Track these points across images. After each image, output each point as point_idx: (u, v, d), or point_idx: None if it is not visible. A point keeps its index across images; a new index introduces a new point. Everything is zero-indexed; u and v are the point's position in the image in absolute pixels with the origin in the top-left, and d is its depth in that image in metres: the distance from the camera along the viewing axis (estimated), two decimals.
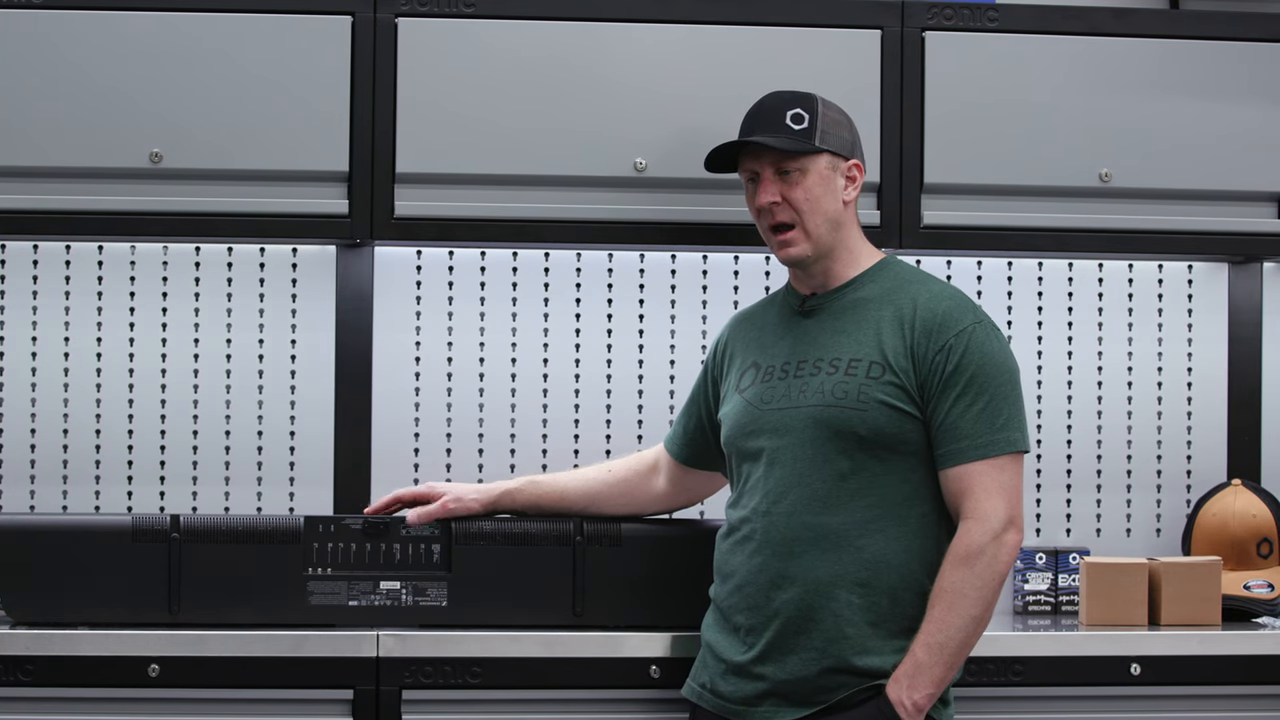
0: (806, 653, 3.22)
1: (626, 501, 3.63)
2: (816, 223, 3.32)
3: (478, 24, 3.76)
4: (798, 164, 3.32)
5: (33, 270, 3.97)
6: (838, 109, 3.39)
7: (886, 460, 3.22)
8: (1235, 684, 3.60)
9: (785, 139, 3.32)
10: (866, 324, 3.28)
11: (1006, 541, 3.17)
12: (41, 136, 3.68)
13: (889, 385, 3.22)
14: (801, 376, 3.29)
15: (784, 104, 3.36)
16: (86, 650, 3.41)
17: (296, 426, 4.01)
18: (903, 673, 3.16)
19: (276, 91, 3.71)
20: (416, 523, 3.56)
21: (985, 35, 3.85)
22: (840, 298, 3.34)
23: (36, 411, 3.97)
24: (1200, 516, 4.04)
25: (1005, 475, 3.20)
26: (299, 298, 4.01)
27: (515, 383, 4.05)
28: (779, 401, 3.29)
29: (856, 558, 3.20)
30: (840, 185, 3.34)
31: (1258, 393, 4.18)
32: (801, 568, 3.23)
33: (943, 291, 3.30)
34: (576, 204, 3.77)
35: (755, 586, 3.27)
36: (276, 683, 3.44)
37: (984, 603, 3.16)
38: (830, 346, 3.29)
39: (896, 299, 3.28)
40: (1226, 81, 3.89)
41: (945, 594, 3.16)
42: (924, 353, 3.22)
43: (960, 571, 3.15)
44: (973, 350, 3.21)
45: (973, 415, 3.19)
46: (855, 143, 3.39)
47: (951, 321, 3.23)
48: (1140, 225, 3.89)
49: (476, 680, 3.46)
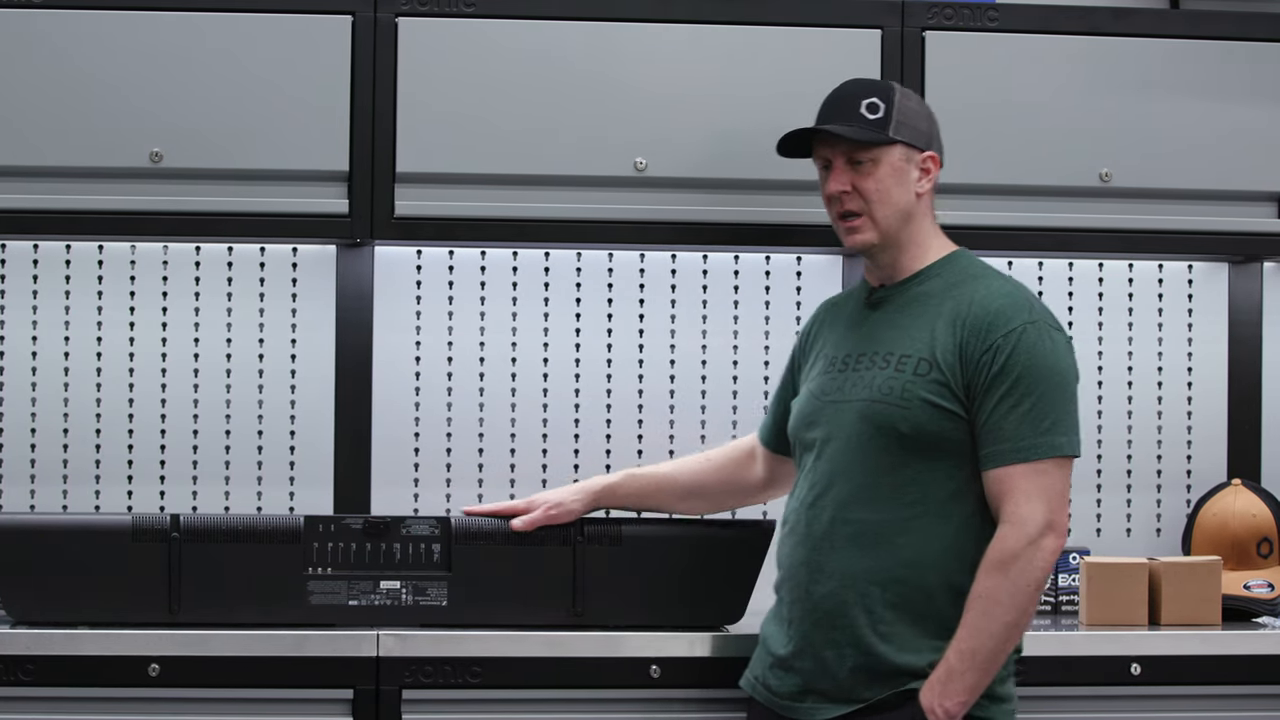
0: (839, 649, 3.21)
1: (728, 489, 3.62)
2: (885, 213, 3.29)
3: (478, 24, 3.76)
4: (870, 154, 3.29)
5: (33, 270, 3.97)
6: (917, 99, 3.36)
7: (929, 458, 3.19)
8: (1235, 684, 3.60)
9: (858, 128, 3.29)
10: (923, 319, 3.25)
11: (1043, 547, 3.12)
12: (41, 136, 3.68)
13: (934, 383, 3.19)
14: (858, 370, 3.27)
15: (861, 92, 3.32)
16: (86, 650, 3.41)
17: (296, 426, 4.01)
18: (935, 679, 3.14)
19: (276, 91, 3.71)
20: (521, 529, 3.54)
21: (985, 35, 3.85)
22: (905, 291, 3.31)
23: (36, 411, 3.97)
24: (1200, 516, 4.04)
25: (1047, 479, 3.14)
26: (299, 298, 4.01)
27: (515, 382, 4.05)
28: (834, 394, 3.28)
29: (894, 555, 3.18)
30: (914, 177, 3.30)
31: (1258, 393, 4.18)
32: (837, 562, 3.21)
33: (1000, 289, 3.24)
34: (576, 204, 3.77)
35: (795, 580, 3.27)
36: (276, 682, 3.44)
37: (1018, 609, 3.12)
38: (887, 340, 3.27)
39: (956, 295, 3.25)
40: (1226, 81, 3.89)
41: (979, 600, 3.13)
42: (972, 352, 3.18)
43: (994, 577, 3.12)
44: (1021, 351, 3.16)
45: (1016, 417, 3.14)
46: (933, 134, 3.34)
47: (1002, 321, 3.18)
48: (1140, 225, 3.89)
49: (476, 680, 3.46)
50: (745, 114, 3.78)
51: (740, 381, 4.08)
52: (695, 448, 4.05)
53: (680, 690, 3.48)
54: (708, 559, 3.58)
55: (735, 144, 3.78)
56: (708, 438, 4.06)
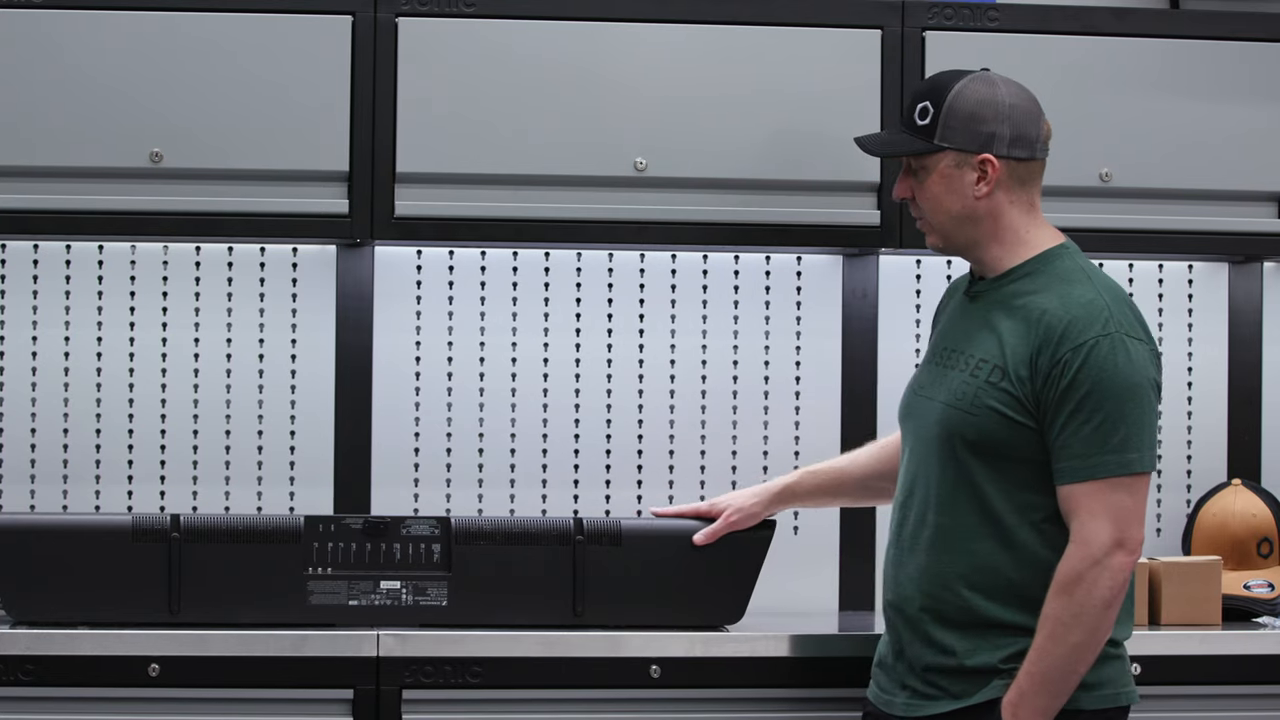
0: (920, 646, 3.20)
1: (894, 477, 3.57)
2: (940, 220, 3.24)
3: (478, 24, 3.76)
4: (920, 162, 3.23)
5: (33, 270, 3.97)
6: (979, 97, 3.20)
7: (1003, 468, 3.14)
8: (1235, 684, 3.60)
9: (902, 138, 3.25)
10: (1005, 323, 3.18)
11: (1109, 566, 3.06)
12: (41, 136, 3.68)
13: (1003, 393, 3.14)
14: (947, 367, 3.24)
15: (918, 95, 3.26)
16: (86, 650, 3.41)
17: (296, 426, 4.01)
18: (1009, 701, 3.11)
19: (276, 91, 3.71)
20: (704, 543, 3.55)
21: (985, 35, 3.85)
22: (998, 288, 3.23)
23: (36, 411, 3.96)
24: (1200, 516, 4.04)
25: (1116, 496, 3.07)
26: (299, 298, 4.01)
27: (515, 382, 4.05)
28: (927, 390, 3.26)
29: (969, 561, 3.16)
30: (970, 180, 3.20)
31: (1258, 393, 4.17)
32: (918, 563, 3.21)
33: (1080, 298, 3.14)
34: (576, 204, 3.77)
35: (887, 578, 3.28)
36: (277, 683, 3.44)
37: (1086, 629, 3.07)
38: (972, 340, 3.22)
39: (1038, 300, 3.16)
40: (1226, 81, 3.89)
41: (1047, 621, 3.09)
42: (1043, 364, 3.11)
43: (1060, 599, 3.08)
44: (1091, 366, 3.08)
45: (1085, 434, 3.08)
46: (994, 135, 3.20)
47: (1073, 334, 3.10)
48: (1140, 225, 3.89)
49: (476, 680, 3.46)
50: (745, 114, 3.78)
51: (740, 382, 4.08)
52: (695, 448, 4.05)
53: (680, 690, 3.48)
54: (708, 559, 3.58)
55: (735, 144, 3.78)
56: (708, 438, 4.06)
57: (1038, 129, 3.24)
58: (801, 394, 4.09)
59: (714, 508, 3.60)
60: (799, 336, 4.09)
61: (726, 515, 3.57)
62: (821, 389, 4.07)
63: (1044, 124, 3.26)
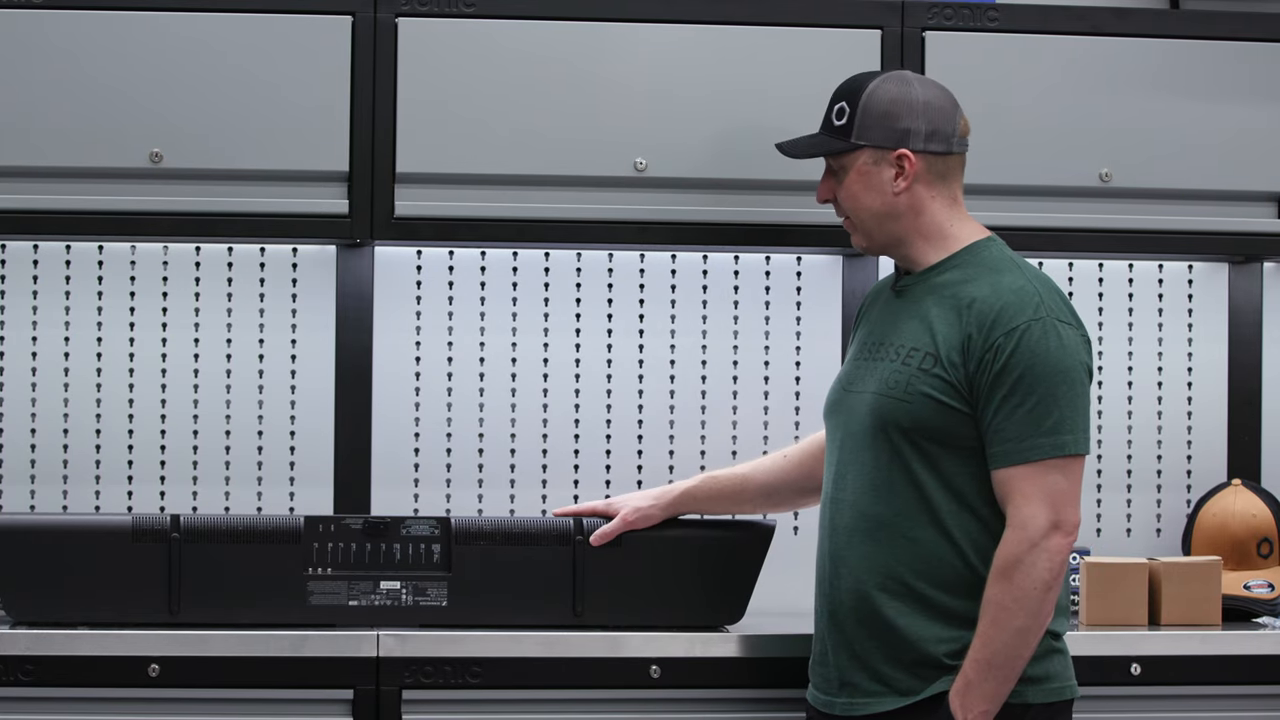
0: (864, 641, 3.21)
1: (804, 485, 3.59)
2: (862, 218, 3.29)
3: (478, 24, 3.76)
4: (838, 162, 3.29)
5: (33, 270, 3.97)
6: (893, 95, 3.26)
7: (936, 453, 3.17)
8: (1235, 684, 3.60)
9: (820, 138, 3.30)
10: (933, 312, 3.22)
11: (1048, 548, 3.09)
12: (41, 136, 3.68)
13: (936, 379, 3.17)
14: (875, 360, 3.27)
15: (835, 96, 3.32)
16: (86, 650, 3.41)
17: (296, 427, 4.01)
18: (957, 690, 3.13)
19: (276, 91, 3.71)
20: (598, 543, 3.55)
21: (985, 35, 3.85)
22: (923, 281, 3.27)
23: (36, 411, 3.96)
24: (1200, 516, 4.04)
25: (1051, 478, 3.11)
26: (299, 298, 4.01)
27: (515, 383, 4.05)
28: (856, 384, 3.28)
29: (910, 549, 3.18)
30: (888, 177, 3.26)
31: (1258, 393, 4.18)
32: (857, 555, 3.22)
33: (1010, 285, 3.19)
34: (576, 204, 3.78)
35: (822, 573, 3.28)
36: (276, 683, 3.44)
37: (1028, 613, 3.09)
38: (900, 330, 3.25)
39: (968, 289, 3.21)
40: (1226, 81, 3.90)
41: (988, 608, 3.11)
42: (975, 349, 3.15)
43: (999, 584, 3.10)
44: (1023, 350, 3.12)
45: (1019, 417, 3.11)
46: (910, 129, 3.24)
47: (1005, 319, 3.15)
48: (1140, 225, 3.89)
49: (476, 680, 3.46)
50: (745, 114, 3.78)
51: (740, 382, 4.08)
52: (695, 447, 4.05)
53: (680, 690, 3.49)
54: (708, 559, 3.58)
55: (735, 144, 3.78)
56: (707, 438, 4.06)
57: (953, 124, 3.29)
58: (801, 394, 4.09)
59: (610, 507, 3.60)
60: (799, 337, 4.09)
61: (623, 515, 3.57)
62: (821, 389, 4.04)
63: (961, 119, 3.31)
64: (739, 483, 3.62)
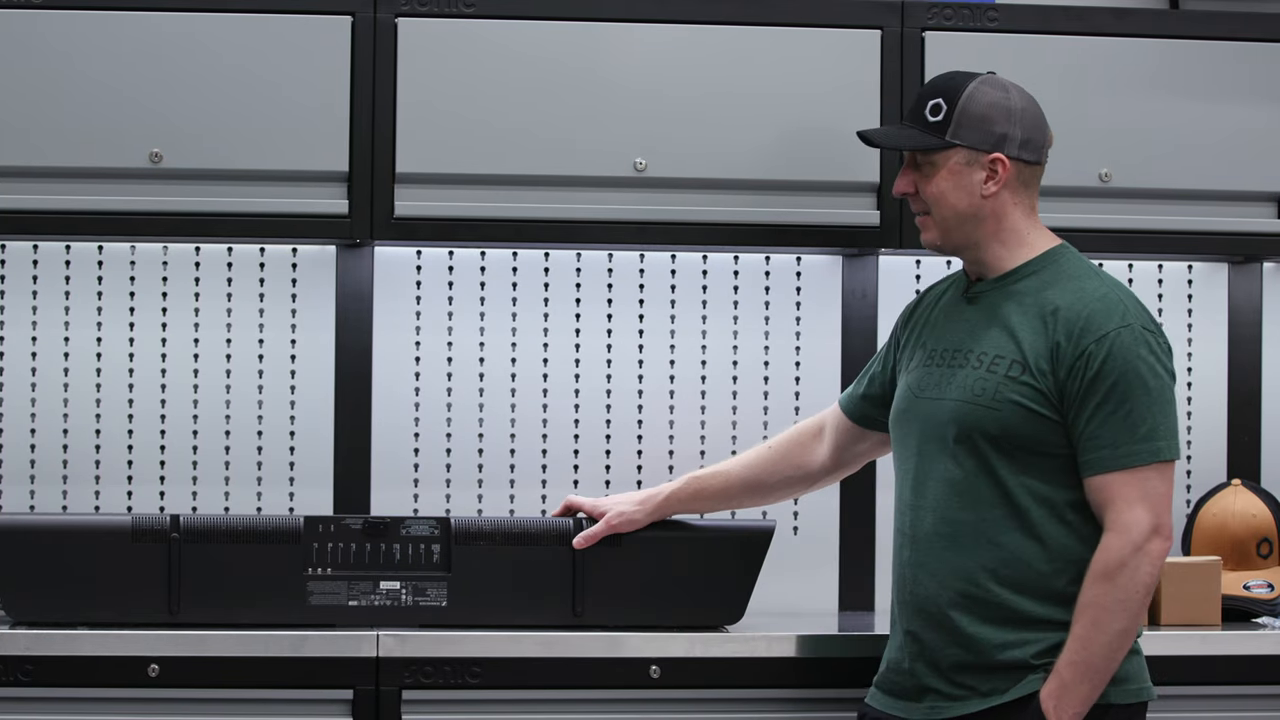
0: (946, 647, 3.19)
1: (791, 477, 3.59)
2: (944, 216, 3.27)
3: (478, 24, 3.76)
4: (928, 158, 3.26)
5: (33, 270, 3.97)
6: (991, 100, 3.24)
7: (1024, 460, 3.16)
8: (1235, 684, 3.60)
9: (913, 133, 3.27)
10: (1016, 319, 3.20)
11: (1149, 552, 3.09)
12: (41, 136, 3.68)
13: (1026, 386, 3.15)
14: (953, 367, 3.25)
15: (929, 92, 3.29)
16: (86, 650, 3.41)
17: (296, 427, 4.01)
18: (1049, 693, 3.11)
19: (276, 91, 3.71)
20: (582, 546, 3.55)
21: (985, 35, 3.85)
22: (1000, 288, 3.26)
23: (36, 411, 3.96)
24: (1200, 516, 4.04)
25: (1150, 484, 3.11)
26: (299, 298, 4.01)
27: (515, 383, 4.05)
28: (931, 391, 3.26)
29: (994, 554, 3.16)
30: (978, 179, 3.24)
31: (1258, 393, 4.18)
32: (939, 561, 3.20)
33: (1095, 292, 3.19)
34: (576, 204, 3.78)
35: (903, 579, 3.27)
36: (276, 683, 3.44)
37: (1128, 615, 3.09)
38: (982, 339, 3.23)
39: (1050, 296, 3.19)
40: (1226, 81, 3.89)
41: (1087, 610, 3.10)
42: (1065, 356, 3.14)
43: (1101, 586, 3.09)
44: (1115, 357, 3.12)
45: (1114, 423, 3.11)
46: (1006, 135, 3.24)
47: (1094, 326, 3.14)
48: (1140, 225, 3.89)
49: (476, 680, 3.46)
50: (745, 114, 3.78)
51: (740, 382, 4.08)
52: (694, 447, 4.05)
53: (680, 690, 3.48)
54: (708, 559, 3.58)
55: (735, 144, 3.78)
56: (707, 438, 4.06)
57: (1045, 135, 3.30)
58: (801, 394, 4.09)
59: (596, 507, 3.60)
60: (799, 337, 4.09)
61: (608, 519, 3.57)
62: (821, 389, 4.07)
63: (1049, 132, 3.31)
64: (722, 479, 3.62)
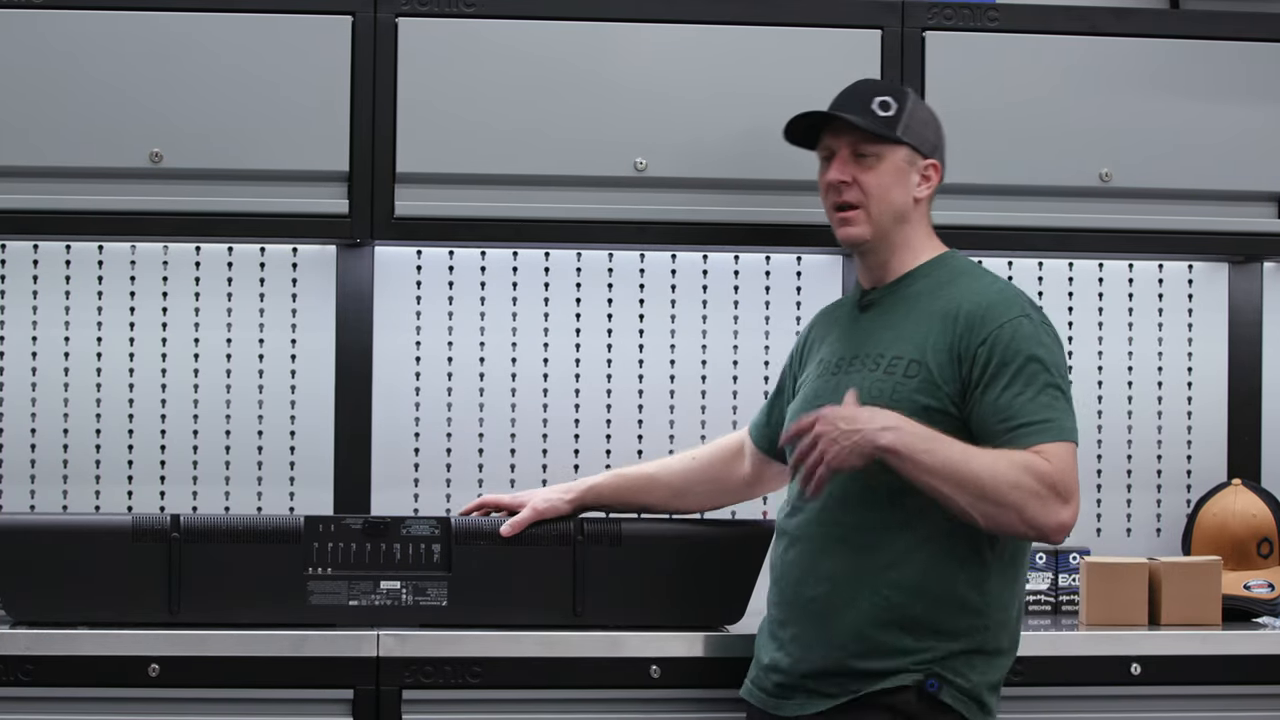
0: (827, 650, 3.19)
1: (713, 489, 3.62)
2: (880, 210, 3.29)
3: (478, 24, 3.76)
4: (875, 149, 3.29)
5: (33, 270, 3.98)
6: (929, 110, 3.37)
7: None
8: (1235, 684, 3.60)
9: (869, 121, 3.29)
10: (912, 319, 3.24)
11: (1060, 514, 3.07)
12: (41, 136, 3.68)
13: (924, 382, 3.17)
14: (850, 373, 3.26)
15: (875, 90, 3.34)
16: (86, 650, 3.41)
17: (296, 427, 4.01)
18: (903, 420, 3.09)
19: (276, 91, 3.71)
20: (510, 533, 3.55)
21: (985, 35, 3.85)
22: (895, 292, 3.31)
23: (36, 411, 3.97)
24: (1200, 516, 4.04)
25: (1073, 460, 3.11)
26: (299, 298, 4.01)
27: (515, 383, 4.05)
28: (827, 397, 3.25)
29: (885, 557, 3.17)
30: (914, 181, 3.31)
31: (1258, 393, 4.18)
32: (828, 565, 3.21)
33: (992, 286, 3.25)
34: (576, 204, 3.78)
35: (786, 582, 3.27)
36: (276, 683, 3.44)
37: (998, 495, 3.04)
38: (878, 342, 3.26)
39: (946, 293, 3.24)
40: (1226, 81, 3.90)
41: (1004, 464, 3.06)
42: (966, 347, 3.16)
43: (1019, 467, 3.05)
44: (1022, 340, 3.14)
45: (1026, 399, 3.12)
46: (939, 145, 3.35)
47: (995, 314, 3.17)
48: (1140, 225, 3.89)
49: (476, 680, 3.46)
50: (745, 114, 3.78)
51: (740, 381, 4.08)
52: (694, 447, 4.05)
53: (680, 690, 3.48)
54: (708, 559, 3.58)
55: (735, 144, 3.79)
56: (708, 438, 4.05)
57: None
58: None
59: (517, 501, 3.60)
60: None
61: (533, 504, 3.57)
62: None
63: None
64: (645, 481, 3.63)
